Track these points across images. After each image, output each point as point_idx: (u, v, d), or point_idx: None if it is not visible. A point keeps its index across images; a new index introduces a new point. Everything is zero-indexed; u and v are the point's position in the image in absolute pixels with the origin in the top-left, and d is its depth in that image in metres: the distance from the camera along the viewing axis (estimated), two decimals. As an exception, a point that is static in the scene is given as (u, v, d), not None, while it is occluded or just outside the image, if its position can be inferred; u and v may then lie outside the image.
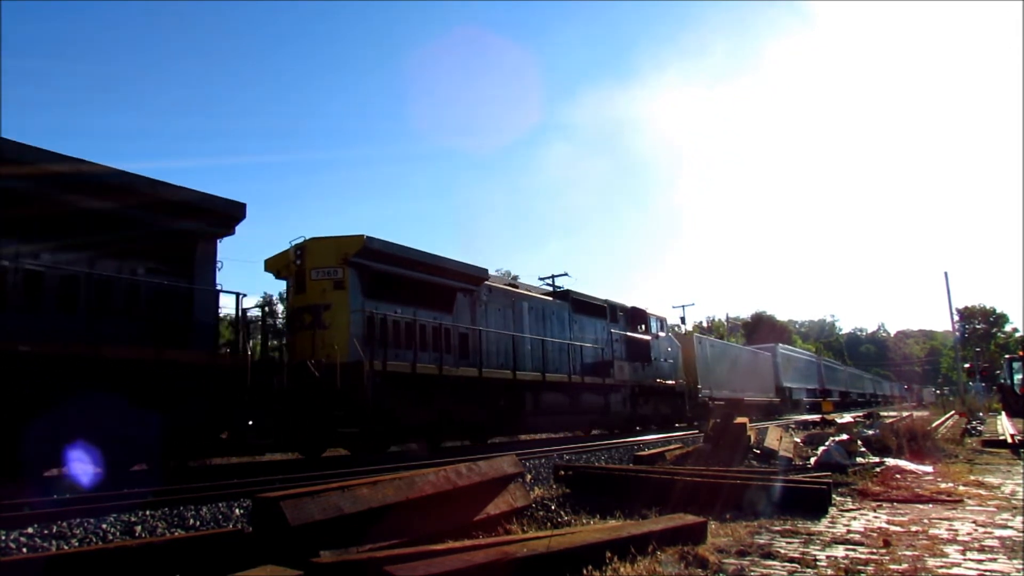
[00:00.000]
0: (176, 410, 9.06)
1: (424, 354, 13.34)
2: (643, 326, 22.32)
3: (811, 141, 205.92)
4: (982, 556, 4.20)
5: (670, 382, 23.33)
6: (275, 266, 13.55)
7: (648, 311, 22.84)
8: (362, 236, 12.71)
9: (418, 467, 7.86)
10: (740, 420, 10.66)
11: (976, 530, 5.02)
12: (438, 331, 14.07)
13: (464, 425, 14.24)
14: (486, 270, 15.93)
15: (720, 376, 28.75)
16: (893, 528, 5.12)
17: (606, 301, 20.94)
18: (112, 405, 8.23)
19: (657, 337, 22.93)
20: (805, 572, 3.86)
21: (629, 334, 21.34)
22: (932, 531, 4.97)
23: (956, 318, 55.73)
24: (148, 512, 5.56)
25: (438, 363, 13.49)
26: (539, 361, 16.88)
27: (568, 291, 20.04)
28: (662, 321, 23.86)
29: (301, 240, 12.95)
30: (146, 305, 9.46)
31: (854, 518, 5.63)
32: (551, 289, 21.76)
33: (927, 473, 8.18)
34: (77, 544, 4.66)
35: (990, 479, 8.02)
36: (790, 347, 46.57)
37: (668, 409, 23.24)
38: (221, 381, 9.72)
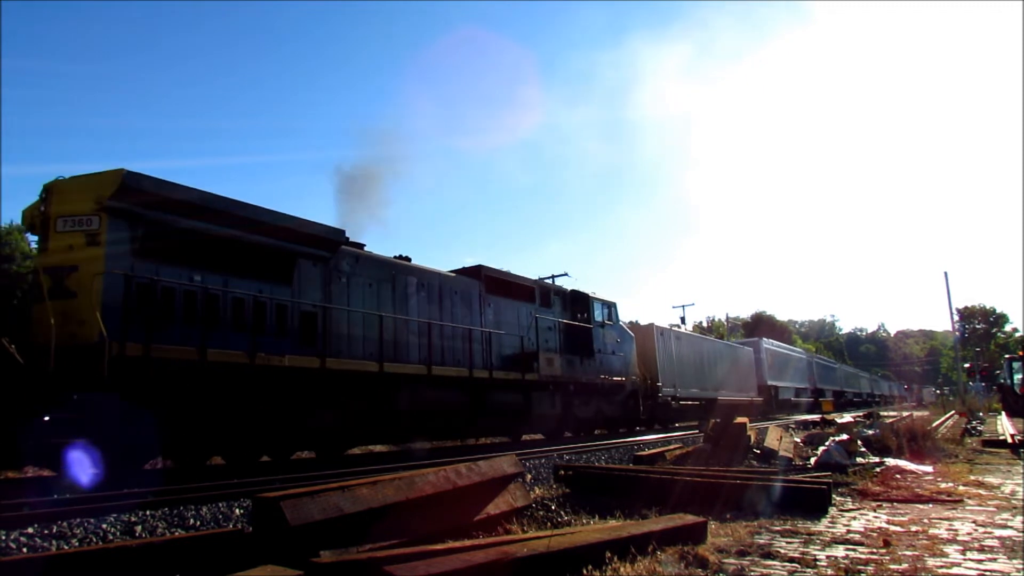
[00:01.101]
0: None
1: (239, 337, 9.89)
2: (584, 313, 18.75)
3: (811, 141, 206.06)
4: (982, 556, 4.20)
5: (619, 379, 19.51)
6: (28, 218, 9.97)
7: (592, 295, 19.26)
8: (120, 171, 9.26)
9: (418, 467, 7.86)
10: (740, 420, 10.67)
11: (976, 530, 5.02)
12: (264, 308, 10.52)
13: (305, 433, 10.97)
14: (343, 232, 12.24)
15: (688, 373, 25.64)
16: (893, 528, 5.12)
17: (535, 281, 17.72)
18: None
19: (603, 326, 19.19)
20: (805, 572, 3.86)
21: (564, 321, 17.87)
22: (932, 531, 4.97)
23: (956, 318, 55.80)
24: (148, 512, 5.56)
25: (252, 348, 9.82)
26: (431, 351, 13.30)
27: (480, 266, 15.84)
28: (610, 308, 20.00)
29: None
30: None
31: (854, 518, 5.63)
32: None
33: (927, 473, 8.18)
34: (77, 544, 4.66)
35: (990, 479, 8.03)
36: (777, 343, 42.75)
37: (617, 410, 19.56)
38: None
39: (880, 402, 63.90)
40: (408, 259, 14.30)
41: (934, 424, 16.99)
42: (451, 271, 15.51)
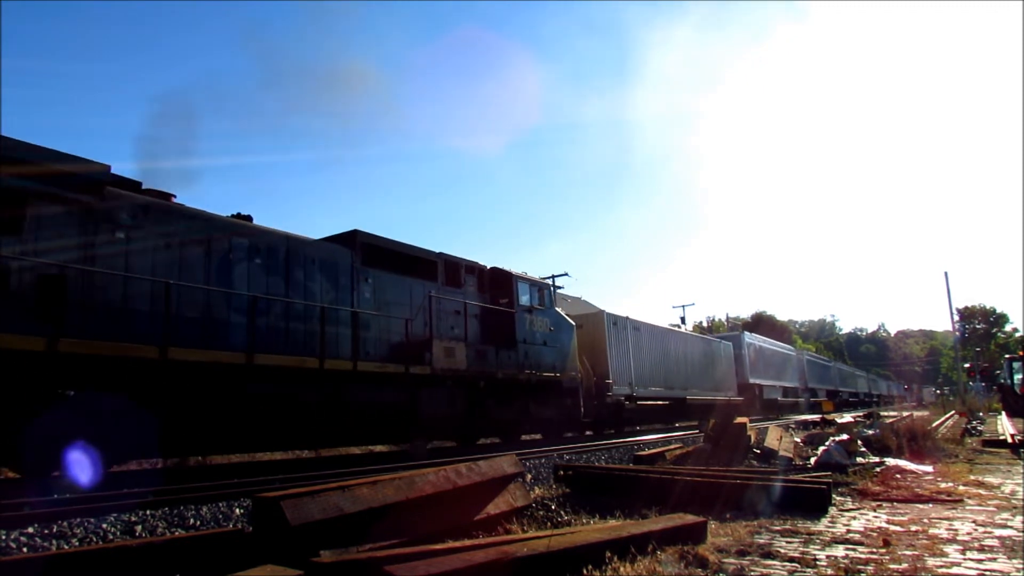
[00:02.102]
0: None
1: None
2: (507, 297, 15.57)
3: (812, 141, 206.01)
4: (982, 556, 4.20)
5: (551, 374, 16.27)
6: None
7: (519, 275, 16.00)
8: None
9: (418, 467, 7.86)
10: (740, 420, 10.68)
11: (976, 530, 5.02)
12: None
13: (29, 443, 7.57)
14: (107, 168, 8.86)
15: (650, 369, 22.50)
16: (893, 528, 5.12)
17: (440, 255, 14.18)
18: None
19: (531, 312, 15.97)
20: (805, 572, 3.86)
21: (477, 304, 14.77)
22: (932, 531, 4.97)
23: (956, 318, 55.76)
24: (148, 512, 5.56)
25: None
26: (269, 334, 10.28)
27: (356, 232, 12.43)
28: (542, 291, 16.75)
29: None
30: None
31: (854, 518, 5.63)
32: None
33: (927, 473, 8.18)
34: (77, 544, 4.66)
35: (990, 479, 8.03)
36: (763, 338, 39.26)
37: (551, 411, 16.28)
38: None
39: (878, 402, 62.91)
40: (248, 218, 11.29)
41: (934, 424, 16.99)
42: (321, 240, 12.24)
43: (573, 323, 18.01)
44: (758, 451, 10.43)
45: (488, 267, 15.68)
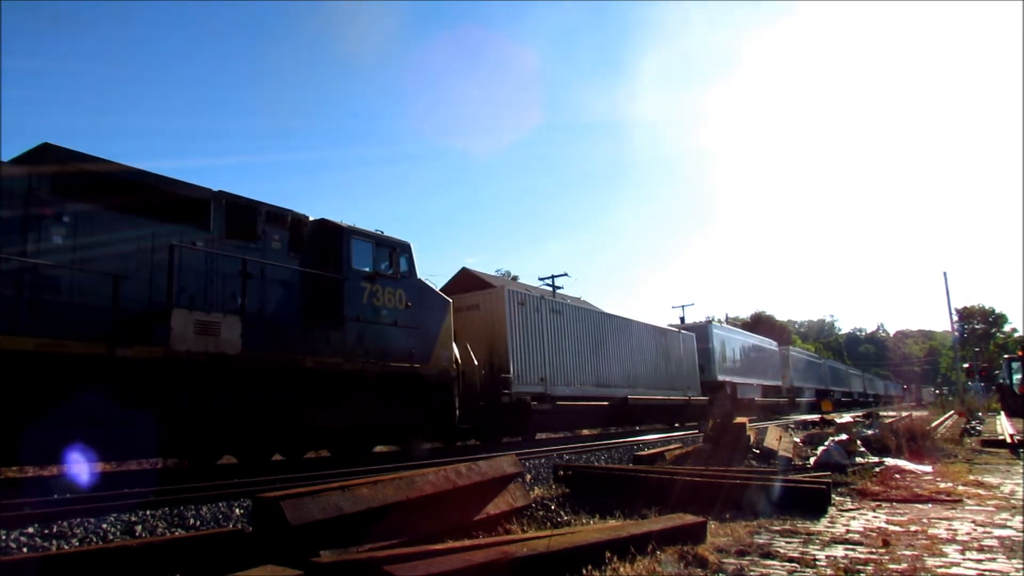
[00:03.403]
0: None
1: None
2: (333, 260, 11.41)
3: (811, 141, 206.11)
4: (981, 556, 4.21)
5: (406, 364, 12.13)
6: None
7: (352, 228, 11.85)
8: None
9: (418, 467, 7.86)
10: (740, 420, 10.69)
11: (975, 530, 5.03)
12: None
13: None
14: None
15: (575, 362, 18.24)
16: (892, 528, 5.13)
17: (218, 193, 10.06)
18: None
19: (373, 280, 11.84)
20: (805, 572, 3.86)
21: (279, 265, 10.57)
22: (931, 531, 4.98)
23: (955, 318, 55.71)
24: (148, 512, 5.57)
25: None
26: None
27: (47, 146, 8.40)
28: (394, 254, 12.48)
29: None
30: None
31: (853, 518, 5.63)
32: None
33: (926, 473, 8.19)
34: (77, 544, 4.67)
35: (989, 479, 8.04)
36: (735, 329, 34.79)
37: (406, 413, 12.13)
38: None
39: (874, 403, 61.54)
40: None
41: (933, 424, 17.00)
42: None
43: (448, 299, 13.68)
44: (758, 451, 10.44)
45: (311, 219, 11.56)
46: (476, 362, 14.44)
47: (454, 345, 13.56)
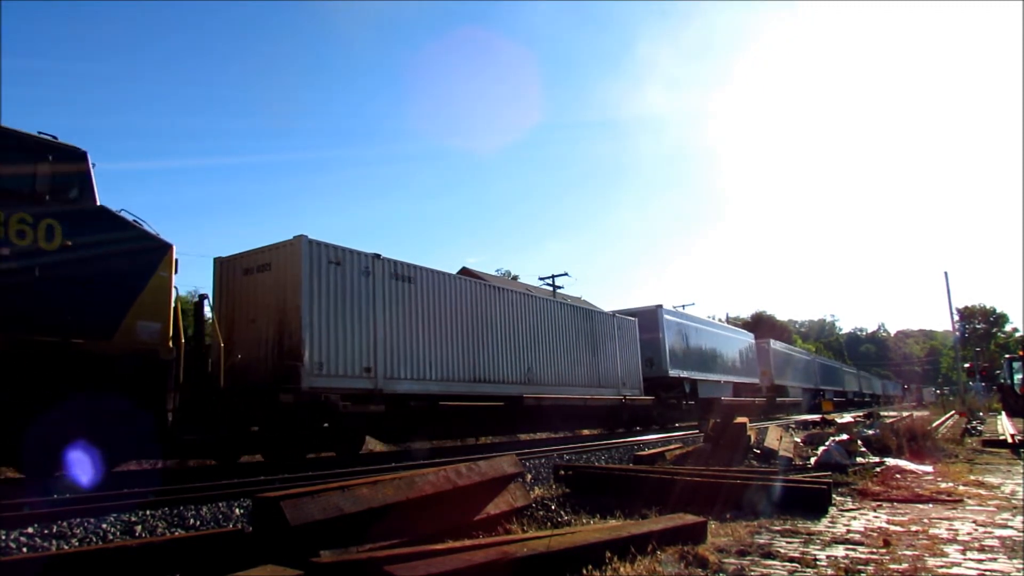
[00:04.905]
0: None
1: None
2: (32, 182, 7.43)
3: (813, 141, 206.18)
4: (982, 556, 4.21)
5: (51, 339, 7.46)
6: None
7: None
8: None
9: (418, 467, 7.86)
10: (740, 420, 10.69)
11: (976, 530, 5.02)
12: None
13: None
14: None
15: (426, 347, 13.40)
16: (893, 528, 5.12)
17: None
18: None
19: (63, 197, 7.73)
20: (805, 572, 3.86)
21: None
22: (932, 531, 4.98)
23: (956, 318, 55.71)
24: (148, 512, 5.56)
25: None
26: None
27: None
28: (37, 159, 7.59)
29: None
30: None
31: (854, 518, 5.63)
32: None
33: (927, 473, 8.19)
34: (77, 544, 4.67)
35: (990, 479, 8.03)
36: (693, 316, 28.58)
37: (54, 418, 7.28)
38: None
39: (872, 403, 60.22)
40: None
41: (934, 424, 17.00)
42: None
43: (165, 242, 8.69)
44: (758, 451, 10.44)
45: None
46: (223, 343, 10.20)
47: (179, 314, 8.92)
